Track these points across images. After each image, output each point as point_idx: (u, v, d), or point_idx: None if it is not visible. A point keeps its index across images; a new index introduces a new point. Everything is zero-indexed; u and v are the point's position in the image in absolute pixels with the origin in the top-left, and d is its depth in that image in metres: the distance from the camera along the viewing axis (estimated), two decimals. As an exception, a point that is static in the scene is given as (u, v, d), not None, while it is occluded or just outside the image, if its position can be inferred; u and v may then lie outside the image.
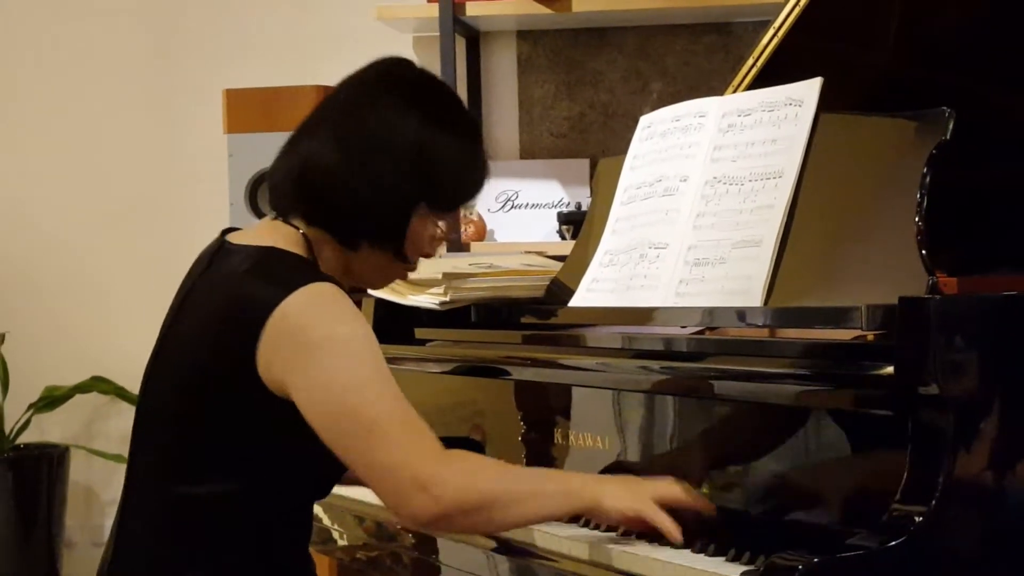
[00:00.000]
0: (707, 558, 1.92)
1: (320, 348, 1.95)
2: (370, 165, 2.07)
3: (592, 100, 4.31)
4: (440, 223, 2.16)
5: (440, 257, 3.46)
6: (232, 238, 2.13)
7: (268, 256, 2.04)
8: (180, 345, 2.07)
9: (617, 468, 2.21)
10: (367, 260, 2.14)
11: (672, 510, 1.96)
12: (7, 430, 4.52)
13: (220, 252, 2.10)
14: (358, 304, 2.85)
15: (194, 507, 2.01)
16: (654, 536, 1.98)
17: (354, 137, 2.08)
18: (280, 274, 2.01)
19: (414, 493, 1.93)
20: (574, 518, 2.14)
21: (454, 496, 1.94)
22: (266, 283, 1.99)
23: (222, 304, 2.02)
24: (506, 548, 2.20)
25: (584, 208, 3.92)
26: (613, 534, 2.09)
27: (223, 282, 2.05)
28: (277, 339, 1.95)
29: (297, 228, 2.10)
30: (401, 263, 2.17)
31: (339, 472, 2.07)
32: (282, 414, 1.98)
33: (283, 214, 2.12)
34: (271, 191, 2.15)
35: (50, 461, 4.46)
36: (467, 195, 2.19)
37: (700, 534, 1.97)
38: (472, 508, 1.96)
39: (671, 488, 1.99)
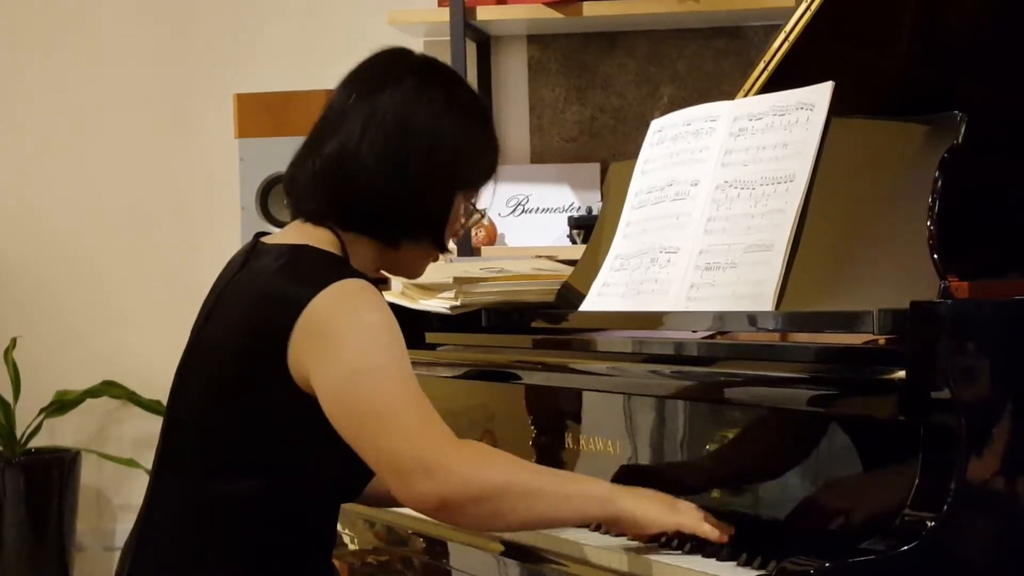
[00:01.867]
0: (719, 563, 1.92)
1: (342, 334, 1.95)
2: (413, 167, 2.07)
3: (603, 104, 4.31)
4: (470, 201, 2.17)
5: (451, 261, 3.46)
6: (265, 240, 2.14)
7: (300, 254, 2.05)
8: (212, 344, 2.07)
9: (628, 472, 2.21)
10: (408, 253, 2.15)
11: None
12: (18, 434, 4.52)
13: (254, 252, 2.11)
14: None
15: (222, 506, 2.01)
16: (694, 546, 1.98)
17: (389, 139, 2.07)
18: (311, 272, 2.01)
19: (419, 476, 1.90)
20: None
21: (460, 482, 1.90)
22: (297, 281, 1.99)
23: (254, 303, 2.03)
24: (516, 552, 2.20)
25: (595, 212, 3.92)
26: (623, 539, 2.08)
27: (255, 281, 2.05)
28: (306, 336, 1.96)
29: (330, 229, 2.09)
30: (441, 249, 2.17)
31: (367, 474, 2.05)
32: (312, 412, 1.97)
33: (314, 221, 2.10)
34: (296, 199, 2.14)
35: (61, 465, 4.47)
36: (494, 166, 2.20)
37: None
38: (479, 497, 1.91)
39: (692, 506, 1.99)
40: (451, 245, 4.02)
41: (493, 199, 2.23)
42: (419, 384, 1.98)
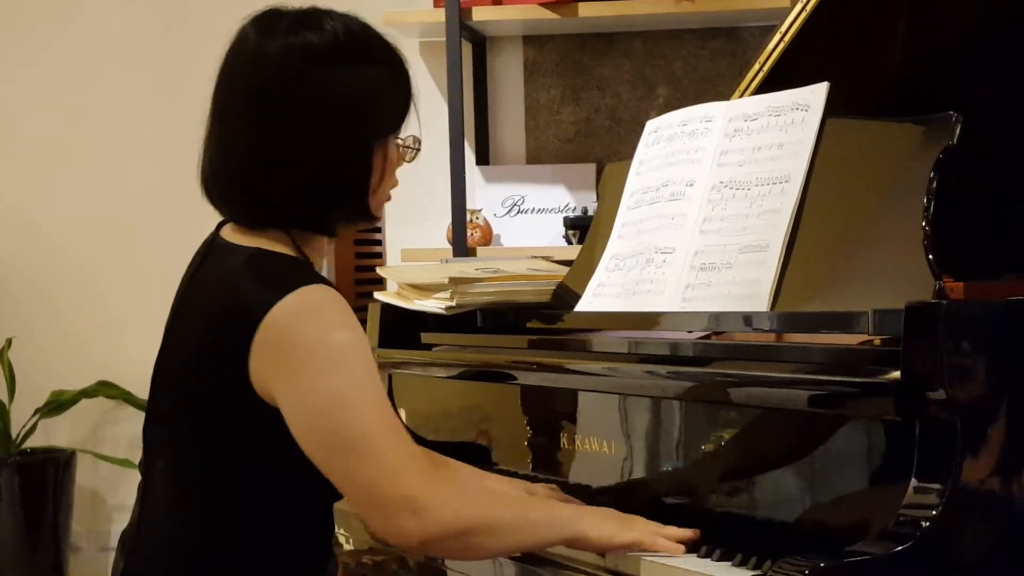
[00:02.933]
0: (713, 563, 1.91)
1: (310, 357, 1.90)
2: (321, 137, 1.98)
3: (598, 105, 4.31)
4: (400, 138, 2.07)
5: (446, 262, 3.46)
6: (225, 234, 2.07)
7: (261, 258, 1.99)
8: (179, 349, 2.04)
9: (623, 473, 2.21)
10: (347, 230, 2.11)
11: None
12: (14, 435, 4.52)
13: (213, 248, 2.06)
14: (364, 308, 2.86)
15: (208, 510, 2.00)
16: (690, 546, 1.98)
17: (287, 117, 1.98)
18: (274, 276, 1.96)
19: (401, 514, 1.89)
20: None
21: (441, 521, 1.91)
22: (260, 285, 1.94)
23: (215, 307, 1.98)
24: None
25: (590, 213, 3.92)
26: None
27: (216, 283, 2.00)
28: (268, 345, 1.91)
29: (275, 230, 2.03)
30: (372, 219, 2.08)
31: None
32: (273, 421, 1.94)
33: (250, 227, 2.04)
34: (224, 209, 2.07)
35: (56, 466, 4.46)
36: (408, 99, 2.08)
37: (707, 539, 1.97)
38: (457, 534, 1.93)
39: (650, 523, 2.01)
40: (446, 243, 4.03)
41: (421, 129, 2.10)
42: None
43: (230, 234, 2.07)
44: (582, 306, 2.51)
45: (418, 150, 2.11)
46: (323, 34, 2.02)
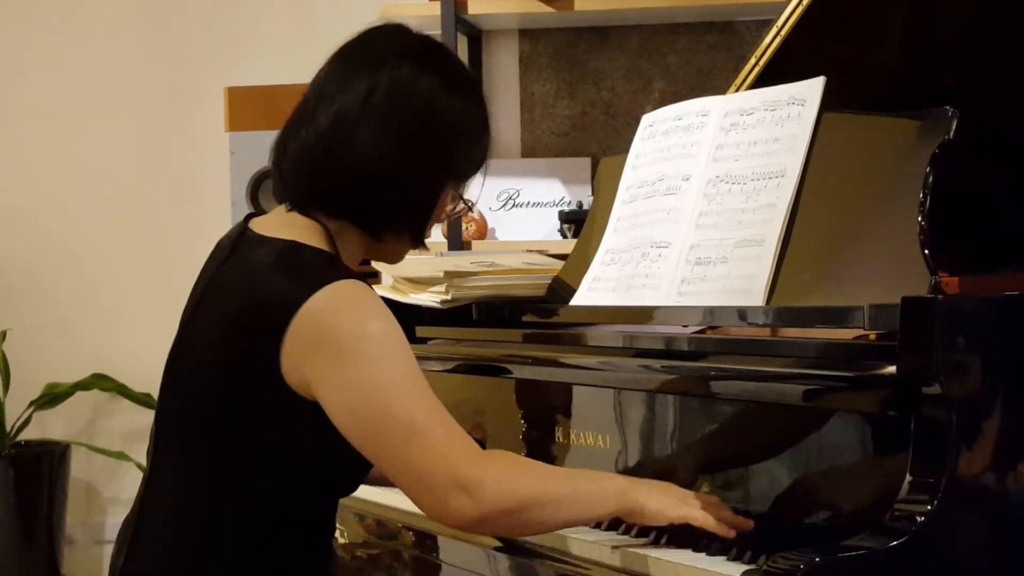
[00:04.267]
0: (708, 557, 1.91)
1: (350, 348, 1.92)
2: (411, 149, 2.02)
3: (594, 99, 4.30)
4: (459, 191, 2.12)
5: (441, 255, 3.46)
6: (255, 226, 2.07)
7: (292, 251, 1.99)
8: (201, 340, 2.03)
9: (618, 467, 2.21)
10: (390, 245, 2.12)
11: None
12: (8, 427, 4.52)
13: (242, 240, 2.05)
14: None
15: (216, 504, 2.00)
16: (685, 539, 1.97)
17: (387, 118, 2.02)
18: (305, 271, 1.96)
19: (454, 495, 1.90)
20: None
21: (494, 498, 1.91)
22: (290, 280, 1.95)
23: (244, 300, 1.98)
24: (506, 546, 2.20)
25: (586, 207, 3.92)
26: (613, 533, 2.08)
27: (245, 276, 2.00)
28: (303, 339, 1.92)
29: (317, 220, 2.04)
30: (419, 243, 2.13)
31: (365, 470, 2.04)
32: (306, 414, 1.95)
33: (301, 209, 2.06)
34: (284, 184, 2.08)
35: (51, 458, 4.46)
36: (487, 155, 2.14)
37: (702, 533, 1.97)
38: (513, 509, 1.93)
39: (709, 499, 1.99)
40: (441, 236, 4.03)
41: (481, 192, 2.19)
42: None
43: (262, 227, 2.06)
44: (577, 300, 2.51)
45: (470, 209, 2.16)
46: (447, 63, 2.09)
